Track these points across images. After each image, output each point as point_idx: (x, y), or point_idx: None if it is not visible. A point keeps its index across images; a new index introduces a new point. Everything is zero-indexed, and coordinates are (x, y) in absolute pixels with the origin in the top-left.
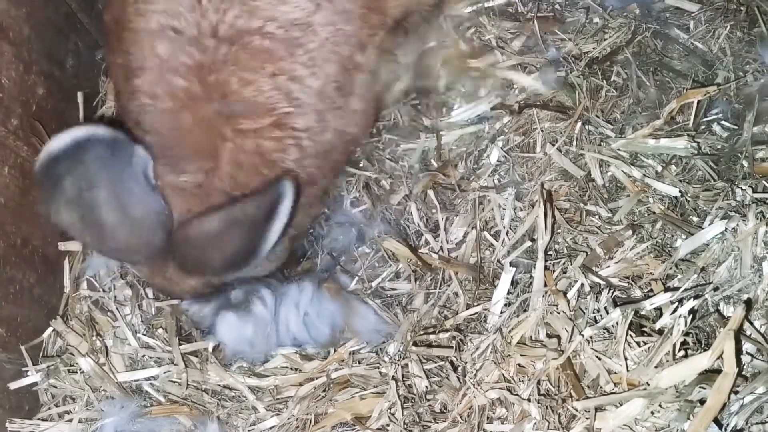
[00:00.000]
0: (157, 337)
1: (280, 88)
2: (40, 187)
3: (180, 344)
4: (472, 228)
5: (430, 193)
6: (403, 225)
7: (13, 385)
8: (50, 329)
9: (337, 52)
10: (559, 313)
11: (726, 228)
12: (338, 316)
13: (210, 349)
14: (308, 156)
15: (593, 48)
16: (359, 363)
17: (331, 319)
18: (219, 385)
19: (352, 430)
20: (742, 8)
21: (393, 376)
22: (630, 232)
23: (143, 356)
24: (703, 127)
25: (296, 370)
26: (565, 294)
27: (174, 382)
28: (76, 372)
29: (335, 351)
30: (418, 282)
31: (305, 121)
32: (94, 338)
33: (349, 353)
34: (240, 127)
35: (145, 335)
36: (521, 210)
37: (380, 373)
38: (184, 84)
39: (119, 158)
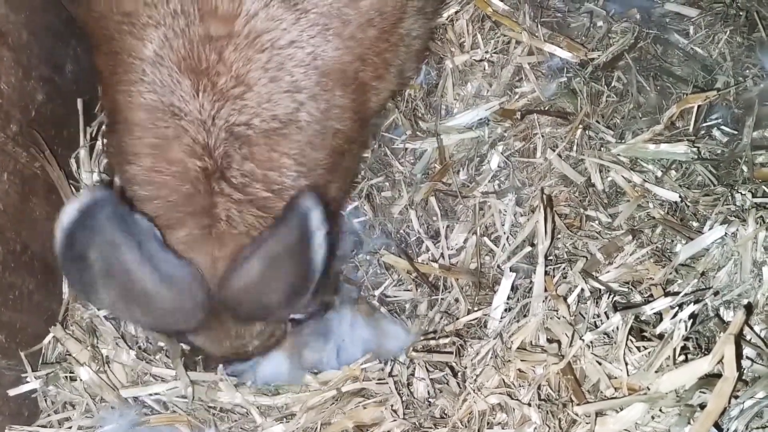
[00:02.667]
0: (159, 360)
1: (252, 174)
2: (68, 275)
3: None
4: (473, 234)
5: (432, 200)
6: (403, 233)
7: (13, 392)
8: (50, 336)
9: (328, 144)
10: (559, 318)
11: (726, 233)
12: (371, 341)
13: (223, 377)
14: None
15: (598, 55)
16: (366, 370)
17: (364, 345)
18: (229, 403)
19: None
20: (741, 13)
21: (395, 382)
22: (630, 237)
23: (146, 374)
24: (702, 132)
25: (307, 386)
26: (565, 299)
27: (180, 398)
28: (76, 379)
29: (348, 367)
30: (419, 290)
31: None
32: (92, 347)
33: (361, 369)
34: (228, 193)
35: (145, 349)
36: (521, 215)
37: (388, 387)
38: (184, 166)
39: (126, 218)
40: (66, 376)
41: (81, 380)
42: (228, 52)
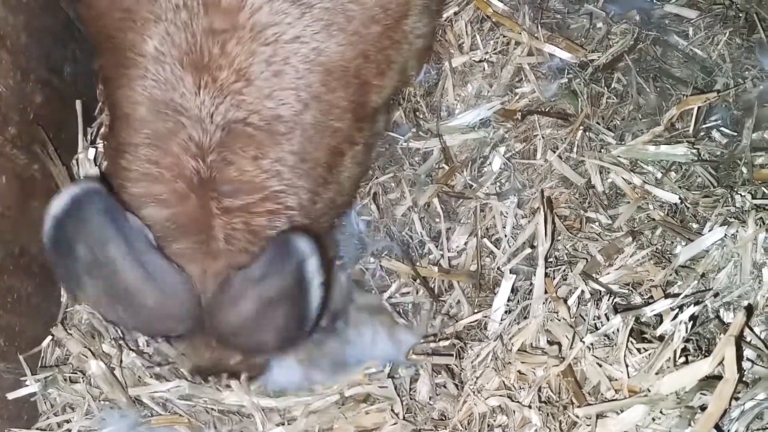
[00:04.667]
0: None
1: (267, 170)
2: (55, 266)
3: None
4: (473, 236)
5: (434, 201)
6: (406, 236)
7: (12, 395)
8: (49, 338)
9: (326, 143)
10: (559, 320)
11: (726, 234)
12: (392, 356)
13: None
14: (300, 226)
15: (598, 56)
16: (371, 376)
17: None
18: (229, 404)
19: None
20: (741, 15)
21: (395, 387)
22: (630, 239)
23: (149, 375)
24: (702, 133)
25: (311, 390)
26: (565, 301)
27: (180, 398)
28: (76, 381)
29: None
30: (420, 292)
31: (297, 200)
32: (98, 347)
33: (365, 375)
34: (225, 205)
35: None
36: (522, 217)
37: (388, 392)
38: (179, 161)
39: (117, 214)
40: (66, 378)
41: (82, 380)
42: (231, 45)
